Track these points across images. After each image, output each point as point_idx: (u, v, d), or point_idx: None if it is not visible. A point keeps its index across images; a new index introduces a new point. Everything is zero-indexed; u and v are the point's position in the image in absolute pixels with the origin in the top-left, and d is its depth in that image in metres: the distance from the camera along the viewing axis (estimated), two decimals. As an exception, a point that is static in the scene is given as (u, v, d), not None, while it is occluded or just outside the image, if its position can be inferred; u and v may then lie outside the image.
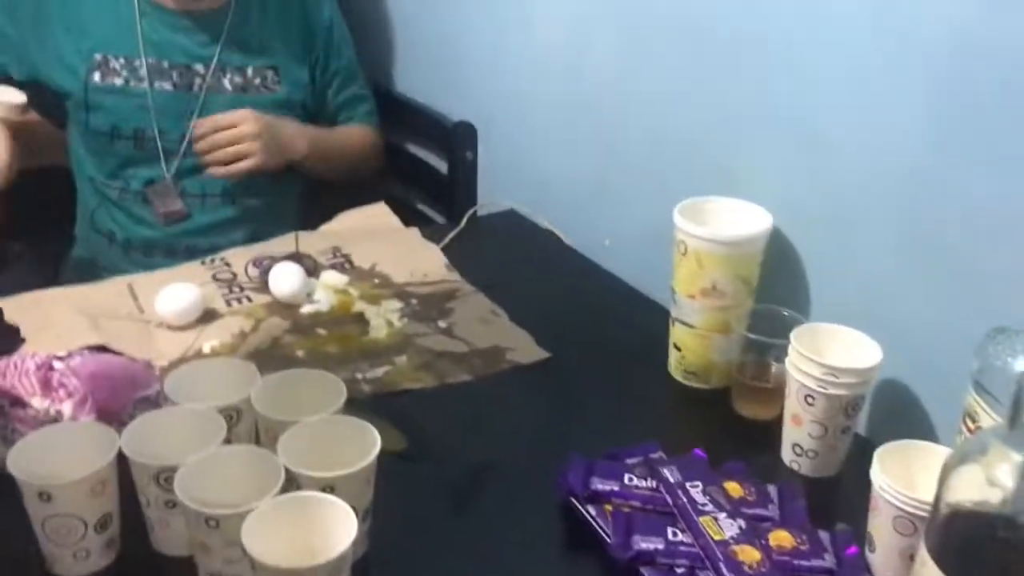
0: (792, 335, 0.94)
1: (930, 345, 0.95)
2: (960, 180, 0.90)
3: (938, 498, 0.66)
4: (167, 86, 1.45)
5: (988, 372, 0.80)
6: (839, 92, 1.00)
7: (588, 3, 1.33)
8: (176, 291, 1.16)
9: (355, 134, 1.63)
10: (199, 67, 1.46)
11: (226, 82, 1.47)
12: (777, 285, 1.09)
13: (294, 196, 1.60)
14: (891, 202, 0.97)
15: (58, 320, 1.12)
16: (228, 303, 1.20)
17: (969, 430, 0.82)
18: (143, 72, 1.43)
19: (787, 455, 0.96)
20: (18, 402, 0.91)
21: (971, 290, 0.91)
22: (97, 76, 1.43)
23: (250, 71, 1.49)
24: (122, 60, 1.43)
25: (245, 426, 0.87)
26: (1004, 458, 0.63)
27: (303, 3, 1.55)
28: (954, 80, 0.89)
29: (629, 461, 0.91)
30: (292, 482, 0.76)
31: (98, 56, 1.43)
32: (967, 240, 0.91)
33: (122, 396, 0.92)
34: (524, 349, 1.14)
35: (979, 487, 0.64)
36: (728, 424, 1.03)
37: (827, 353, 0.92)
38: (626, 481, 0.88)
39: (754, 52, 1.09)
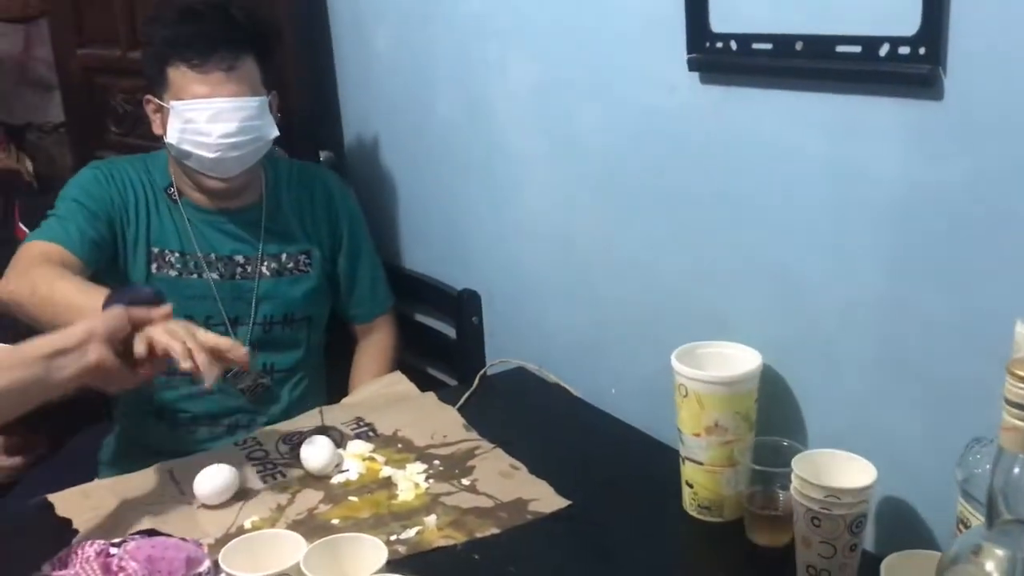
0: (793, 462, 1.02)
1: (920, 458, 1.03)
2: (919, 304, 1.01)
3: (937, 599, 0.72)
4: (215, 276, 1.58)
5: (972, 480, 0.87)
6: (807, 236, 1.12)
7: (574, 177, 1.47)
8: (212, 472, 1.23)
9: (383, 361, 1.74)
10: (240, 257, 1.60)
11: (264, 268, 1.61)
12: (775, 417, 1.17)
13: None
14: (865, 329, 1.07)
15: (108, 509, 1.19)
16: (263, 480, 1.28)
17: (959, 535, 0.88)
18: (193, 264, 1.57)
19: (802, 577, 1.02)
20: (81, 589, 0.97)
21: (947, 402, 1.00)
22: (154, 267, 1.56)
23: (284, 257, 1.63)
24: (177, 254, 1.57)
25: (296, 592, 0.93)
26: (990, 555, 0.70)
27: (328, 195, 1.70)
28: (908, 219, 1.00)
29: (655, 596, 0.97)
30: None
31: (155, 250, 1.56)
32: (933, 356, 1.00)
33: (178, 575, 0.99)
34: (546, 499, 1.21)
35: (972, 584, 0.71)
36: (744, 553, 1.09)
37: (827, 476, 1.00)
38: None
39: (729, 208, 1.21)
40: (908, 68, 0.95)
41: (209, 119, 1.44)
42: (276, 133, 1.52)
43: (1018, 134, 0.89)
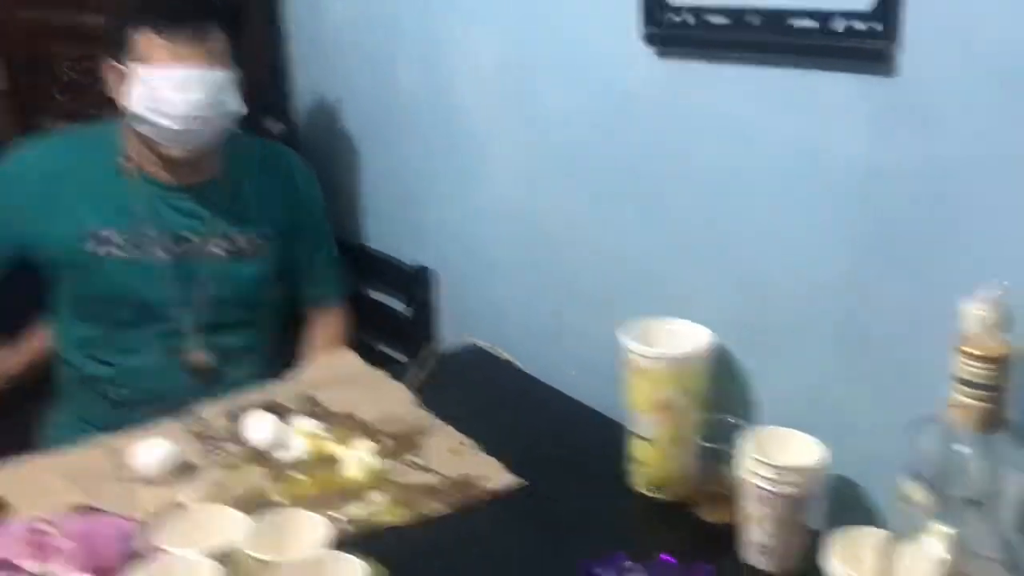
0: (743, 440, 1.01)
1: (869, 437, 1.03)
2: (872, 285, 1.00)
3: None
4: (164, 254, 1.53)
5: (917, 458, 0.87)
6: (760, 217, 1.11)
7: (533, 153, 1.45)
8: (150, 446, 1.20)
9: (331, 346, 1.70)
10: (191, 235, 1.55)
11: (216, 248, 1.56)
12: (726, 396, 1.16)
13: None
14: (820, 310, 1.07)
15: (43, 485, 1.15)
16: (205, 455, 1.25)
17: (907, 513, 0.88)
18: (140, 242, 1.52)
19: (750, 554, 1.02)
20: (9, 567, 0.94)
21: (897, 382, 1.00)
22: (94, 248, 1.50)
23: (238, 237, 1.58)
24: (122, 233, 1.51)
25: (236, 570, 0.91)
26: (934, 532, 0.70)
27: (291, 177, 1.66)
28: (866, 198, 1.00)
29: (601, 572, 0.96)
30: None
31: (93, 230, 1.50)
32: (890, 338, 1.00)
33: (112, 552, 0.96)
34: (496, 477, 1.20)
35: (919, 561, 0.71)
36: (693, 530, 1.09)
37: (776, 455, 1.00)
38: (602, 592, 0.93)
39: (686, 185, 1.20)
40: (863, 44, 0.94)
41: (176, 88, 1.39)
42: (242, 109, 1.48)
43: (972, 112, 0.88)
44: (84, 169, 1.52)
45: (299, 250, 1.67)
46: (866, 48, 0.94)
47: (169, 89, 1.39)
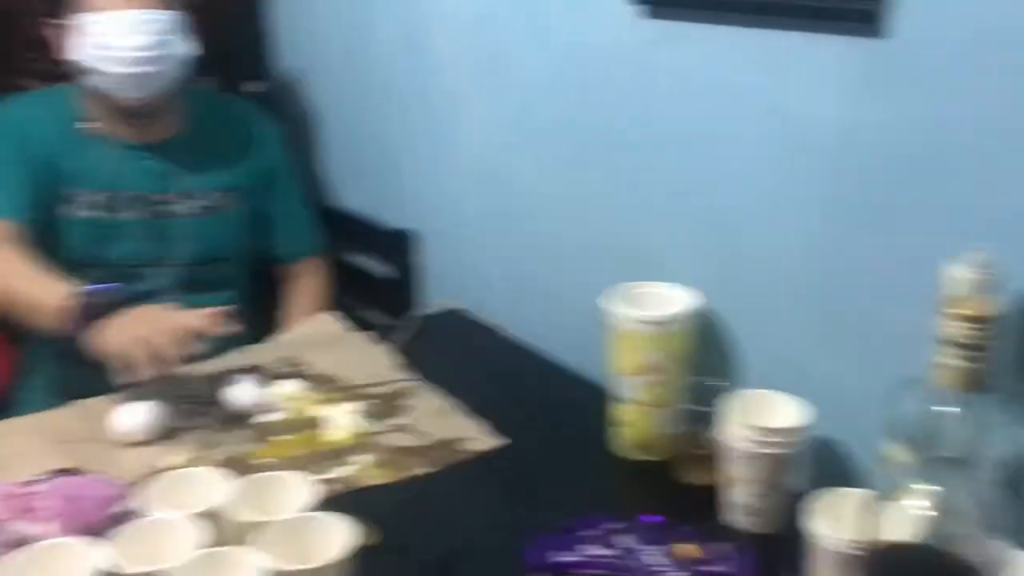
0: (726, 402, 1.02)
1: (852, 399, 1.04)
2: (853, 247, 1.01)
3: (866, 536, 0.73)
4: (133, 215, 1.51)
5: (899, 419, 0.88)
6: (742, 180, 1.11)
7: (512, 113, 1.44)
8: (132, 409, 1.20)
9: (314, 304, 1.70)
10: (158, 195, 1.53)
11: (185, 207, 1.54)
12: (709, 359, 1.17)
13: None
14: (800, 272, 1.08)
15: (24, 448, 1.15)
16: (189, 418, 1.24)
17: (890, 474, 0.90)
18: (110, 204, 1.49)
19: (733, 515, 1.03)
20: (-4, 528, 0.93)
21: (879, 344, 1.01)
22: (69, 209, 1.48)
23: (205, 194, 1.56)
24: (93, 194, 1.49)
25: (223, 531, 0.91)
26: (918, 492, 0.71)
27: (251, 130, 1.64)
28: (843, 159, 1.00)
29: (587, 533, 0.97)
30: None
31: (67, 191, 1.48)
32: (868, 301, 1.01)
33: (97, 514, 0.95)
34: (479, 438, 1.20)
35: (901, 521, 0.72)
36: (675, 492, 1.10)
37: (760, 416, 1.01)
38: (587, 552, 0.94)
39: (665, 151, 1.20)
40: (852, 4, 0.94)
41: (119, 33, 1.38)
42: (192, 51, 1.45)
43: (961, 74, 0.88)
44: (48, 130, 1.49)
45: (269, 204, 1.65)
46: (854, 8, 0.93)
47: (114, 35, 1.38)
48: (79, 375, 1.53)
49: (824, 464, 1.06)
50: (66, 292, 1.22)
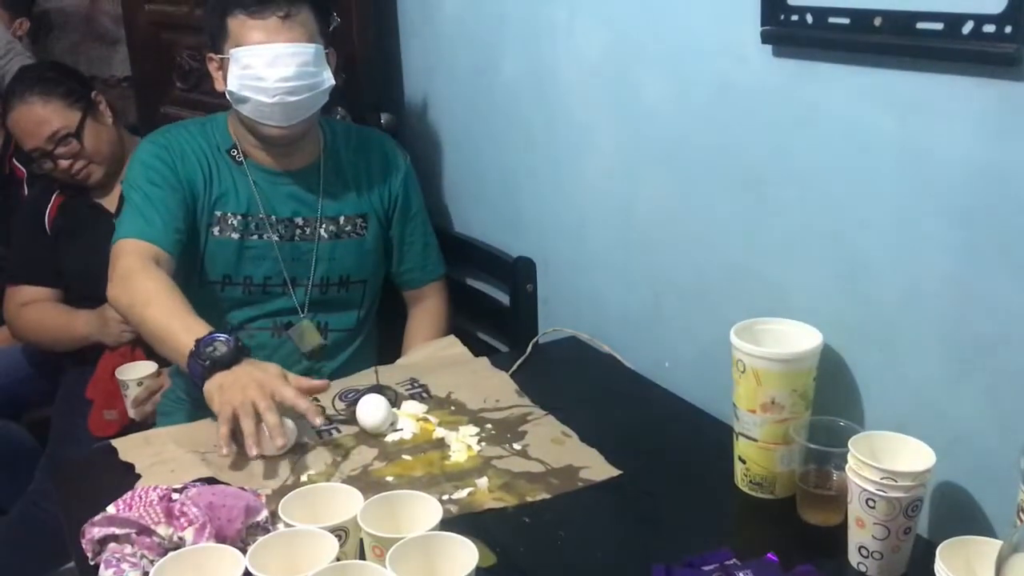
0: (850, 443, 1.01)
1: (980, 444, 1.02)
2: (987, 289, 0.99)
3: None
4: (275, 237, 1.60)
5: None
6: (874, 216, 1.10)
7: (637, 146, 1.46)
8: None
9: (435, 326, 1.77)
10: (299, 219, 1.62)
11: (323, 230, 1.63)
12: (832, 397, 1.16)
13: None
14: (930, 312, 1.06)
15: (169, 457, 1.22)
16: (319, 435, 1.30)
17: (1022, 522, 0.87)
18: (255, 226, 1.59)
19: (854, 557, 1.02)
20: (145, 531, 1.00)
21: (1014, 390, 0.98)
22: (216, 231, 1.58)
23: (342, 219, 1.64)
24: (239, 216, 1.59)
25: (352, 544, 0.95)
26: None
27: (385, 159, 1.71)
28: (977, 201, 0.98)
29: (706, 568, 0.98)
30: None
31: (217, 213, 1.58)
32: (1001, 344, 0.99)
33: (237, 522, 1.01)
34: (596, 467, 1.22)
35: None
36: (795, 531, 1.09)
37: (884, 458, 0.99)
38: (705, 586, 0.94)
39: (795, 184, 1.20)
40: (992, 47, 0.92)
41: (267, 64, 1.46)
42: (333, 82, 1.53)
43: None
44: (204, 155, 1.59)
45: (398, 229, 1.72)
46: (995, 52, 0.92)
47: (261, 66, 1.46)
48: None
49: (949, 511, 1.04)
50: (191, 337, 1.29)
